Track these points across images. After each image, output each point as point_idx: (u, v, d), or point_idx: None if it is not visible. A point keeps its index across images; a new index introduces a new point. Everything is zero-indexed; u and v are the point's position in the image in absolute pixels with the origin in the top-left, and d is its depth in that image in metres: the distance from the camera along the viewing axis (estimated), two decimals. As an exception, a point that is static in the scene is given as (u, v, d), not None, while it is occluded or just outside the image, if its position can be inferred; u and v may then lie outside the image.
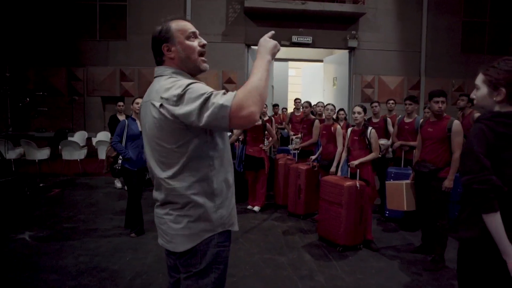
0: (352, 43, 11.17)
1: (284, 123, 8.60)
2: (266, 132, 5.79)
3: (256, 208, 5.72)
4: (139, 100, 4.71)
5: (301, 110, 7.00)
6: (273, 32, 1.64)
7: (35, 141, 7.76)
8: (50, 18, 10.27)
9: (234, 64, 11.21)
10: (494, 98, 1.63)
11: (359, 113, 4.26)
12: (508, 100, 1.61)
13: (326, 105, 5.32)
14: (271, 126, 7.18)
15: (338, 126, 5.06)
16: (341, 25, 11.22)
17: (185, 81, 1.53)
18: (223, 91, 1.44)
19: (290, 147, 6.54)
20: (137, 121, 4.55)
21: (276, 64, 13.07)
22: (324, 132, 5.19)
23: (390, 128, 5.76)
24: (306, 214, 5.35)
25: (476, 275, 1.63)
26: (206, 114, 1.40)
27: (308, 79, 14.29)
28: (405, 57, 11.55)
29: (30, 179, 6.37)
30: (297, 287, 3.34)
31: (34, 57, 10.25)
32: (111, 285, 3.30)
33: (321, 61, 13.20)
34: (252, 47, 11.45)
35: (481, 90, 1.69)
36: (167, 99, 1.49)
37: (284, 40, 11.27)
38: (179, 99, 1.45)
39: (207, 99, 1.41)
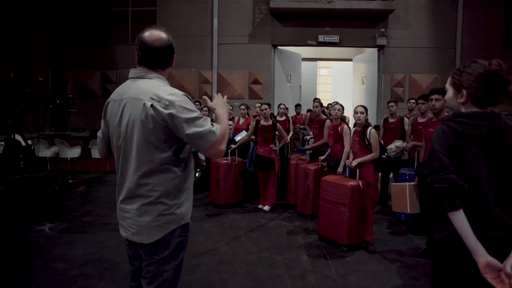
0: (381, 41, 10.85)
1: (305, 123, 8.56)
2: (277, 132, 5.81)
3: (266, 208, 5.76)
4: None
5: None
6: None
7: (71, 141, 8.33)
8: (86, 24, 10.94)
9: (261, 65, 11.28)
10: (458, 100, 1.66)
11: (361, 113, 4.19)
12: (472, 101, 1.62)
13: (334, 104, 5.26)
14: (289, 126, 7.21)
15: (345, 126, 4.98)
16: (370, 23, 10.94)
17: (175, 89, 1.72)
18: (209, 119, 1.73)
19: (305, 147, 6.52)
20: None
21: (304, 64, 12.99)
22: (331, 132, 5.14)
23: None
24: (314, 214, 5.30)
25: (449, 275, 1.63)
26: (194, 129, 1.63)
27: (338, 78, 14.05)
28: (439, 54, 11.04)
29: (60, 175, 6.85)
30: (286, 286, 3.37)
31: (72, 61, 10.98)
32: (109, 275, 3.51)
33: (350, 60, 12.95)
34: (279, 47, 11.48)
35: (448, 92, 1.73)
36: (158, 101, 1.64)
37: (311, 40, 11.21)
38: (172, 104, 1.63)
39: (199, 118, 1.65)
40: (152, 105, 1.63)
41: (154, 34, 1.76)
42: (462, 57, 11.00)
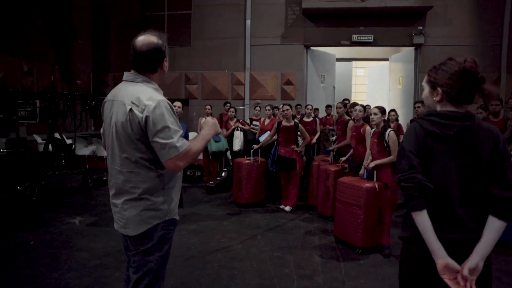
0: (418, 40, 10.43)
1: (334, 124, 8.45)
2: (299, 132, 5.79)
3: (288, 208, 5.76)
4: (178, 104, 5.19)
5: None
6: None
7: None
8: (125, 29, 11.47)
9: (293, 66, 11.25)
10: (434, 98, 1.63)
11: (375, 114, 4.10)
12: (448, 99, 1.59)
13: (355, 105, 5.17)
14: (316, 127, 7.17)
15: (368, 127, 4.88)
16: (406, 21, 10.57)
17: (158, 95, 1.80)
18: (181, 132, 1.75)
19: (329, 148, 6.45)
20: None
21: (338, 64, 12.79)
22: (354, 133, 5.06)
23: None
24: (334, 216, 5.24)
25: (413, 274, 1.62)
26: (159, 138, 1.69)
27: (374, 78, 13.68)
28: (482, 51, 10.40)
29: (95, 173, 7.27)
30: (292, 286, 3.37)
31: (112, 64, 11.59)
32: (125, 267, 3.69)
33: (387, 59, 12.57)
34: (312, 48, 11.40)
35: (425, 90, 1.71)
36: (137, 105, 1.75)
37: (344, 40, 11.02)
38: (148, 109, 1.72)
39: (169, 128, 1.70)
40: (131, 109, 1.73)
41: (143, 39, 1.84)
42: (509, 55, 10.32)
